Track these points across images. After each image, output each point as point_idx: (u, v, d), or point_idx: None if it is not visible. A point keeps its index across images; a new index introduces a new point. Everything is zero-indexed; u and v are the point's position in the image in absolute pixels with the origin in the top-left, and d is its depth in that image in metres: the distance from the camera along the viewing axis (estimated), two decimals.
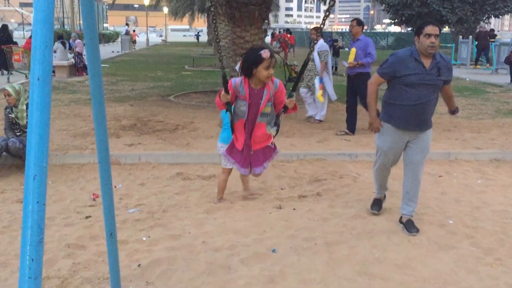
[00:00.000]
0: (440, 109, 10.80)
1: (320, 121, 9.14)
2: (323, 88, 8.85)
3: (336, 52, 20.59)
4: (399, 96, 4.29)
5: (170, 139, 7.60)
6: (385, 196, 5.00)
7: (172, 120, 9.09)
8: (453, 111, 4.70)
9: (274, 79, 3.49)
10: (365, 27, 6.10)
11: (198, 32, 51.48)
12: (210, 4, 3.59)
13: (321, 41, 9.01)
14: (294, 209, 5.01)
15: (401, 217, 4.61)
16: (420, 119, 4.30)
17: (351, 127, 8.23)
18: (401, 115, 4.30)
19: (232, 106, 3.55)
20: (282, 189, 5.63)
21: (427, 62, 4.18)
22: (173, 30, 79.13)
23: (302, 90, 9.25)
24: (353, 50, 7.99)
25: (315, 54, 8.82)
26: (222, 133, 5.21)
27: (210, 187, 5.64)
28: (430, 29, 4.10)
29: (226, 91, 3.41)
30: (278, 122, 3.57)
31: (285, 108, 3.47)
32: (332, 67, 18.19)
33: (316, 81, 8.83)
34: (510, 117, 10.10)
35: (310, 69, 8.97)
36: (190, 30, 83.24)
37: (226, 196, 5.30)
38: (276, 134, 3.59)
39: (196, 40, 49.68)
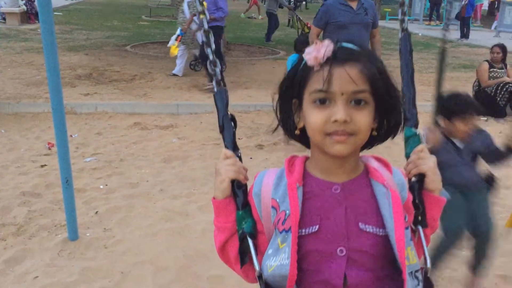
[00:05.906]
0: (392, 62, 11.05)
1: (175, 75, 8.62)
2: (181, 41, 8.29)
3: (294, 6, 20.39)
4: None
5: (127, 89, 7.50)
6: None
7: (129, 70, 8.93)
8: None
9: (390, 165, 1.24)
10: None
11: None
12: None
13: None
14: (251, 158, 5.12)
15: None
16: None
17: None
18: None
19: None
20: (239, 139, 5.72)
21: (353, 4, 4.72)
22: None
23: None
24: (204, 3, 7.80)
25: (184, 5, 8.34)
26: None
27: (168, 137, 5.67)
28: None
29: (230, 146, 1.26)
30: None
31: (421, 221, 1.18)
32: (289, 21, 17.93)
33: (177, 32, 8.24)
34: (459, 71, 10.43)
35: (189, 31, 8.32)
36: None
37: (184, 146, 5.36)
38: None
39: None
